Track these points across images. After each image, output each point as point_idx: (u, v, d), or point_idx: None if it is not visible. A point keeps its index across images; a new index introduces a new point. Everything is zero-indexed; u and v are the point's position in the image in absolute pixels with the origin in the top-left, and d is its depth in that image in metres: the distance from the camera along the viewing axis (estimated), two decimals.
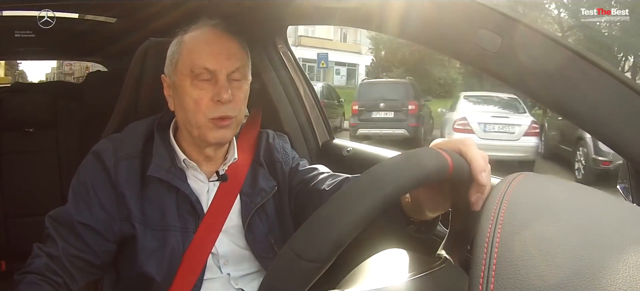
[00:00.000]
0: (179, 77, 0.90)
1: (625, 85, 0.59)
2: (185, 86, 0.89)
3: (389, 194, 0.43)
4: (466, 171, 0.53)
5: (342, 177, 0.96)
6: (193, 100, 0.88)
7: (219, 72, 0.88)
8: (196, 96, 0.88)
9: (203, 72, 0.88)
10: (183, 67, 0.90)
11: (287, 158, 1.06)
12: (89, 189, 0.90)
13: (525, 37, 0.64)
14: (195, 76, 0.88)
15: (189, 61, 0.89)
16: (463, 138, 0.58)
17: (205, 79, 0.89)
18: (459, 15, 0.70)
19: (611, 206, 0.44)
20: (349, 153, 1.40)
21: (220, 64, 0.89)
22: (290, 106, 1.46)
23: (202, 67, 0.88)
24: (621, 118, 0.60)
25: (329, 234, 0.41)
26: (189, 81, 0.89)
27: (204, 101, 0.88)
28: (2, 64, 11.83)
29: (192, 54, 0.90)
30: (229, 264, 0.96)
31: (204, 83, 0.89)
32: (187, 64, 0.89)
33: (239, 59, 0.92)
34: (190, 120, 0.90)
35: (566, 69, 0.62)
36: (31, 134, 2.19)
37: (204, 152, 0.95)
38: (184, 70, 0.89)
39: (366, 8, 0.88)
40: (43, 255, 0.86)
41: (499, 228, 0.38)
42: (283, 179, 1.03)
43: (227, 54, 0.90)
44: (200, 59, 0.88)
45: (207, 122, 0.89)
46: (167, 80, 0.95)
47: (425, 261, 0.57)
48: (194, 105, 0.88)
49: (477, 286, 0.35)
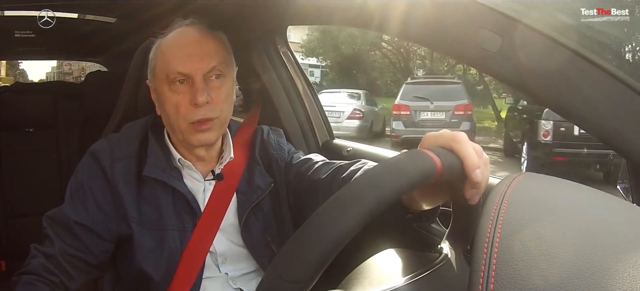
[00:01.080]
0: (158, 83, 0.91)
1: (625, 85, 0.59)
2: (164, 92, 0.89)
3: (369, 210, 0.42)
4: (457, 169, 0.52)
5: (336, 165, 0.96)
6: (172, 105, 0.88)
7: (195, 75, 0.87)
8: (175, 101, 0.88)
9: (178, 77, 0.87)
10: (160, 73, 0.90)
11: (283, 152, 1.06)
12: (85, 189, 0.90)
13: (526, 37, 0.64)
14: (171, 81, 0.88)
15: (164, 67, 0.89)
16: (455, 134, 0.55)
17: (181, 83, 0.88)
18: (459, 15, 0.70)
19: (611, 206, 0.44)
20: (349, 153, 1.40)
21: (194, 66, 0.87)
22: (290, 106, 1.46)
23: (176, 72, 0.87)
24: (621, 118, 0.60)
25: (311, 254, 0.40)
26: (167, 87, 0.88)
27: (182, 105, 0.87)
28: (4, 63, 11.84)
29: (166, 59, 0.89)
30: (227, 262, 0.96)
31: (181, 87, 0.88)
32: (163, 69, 0.89)
33: (214, 58, 0.90)
34: (172, 125, 0.90)
35: (566, 69, 0.62)
36: (31, 134, 2.19)
37: (194, 153, 0.95)
38: (161, 76, 0.89)
39: (367, 8, 0.88)
40: (40, 255, 0.86)
41: (499, 228, 0.38)
42: (279, 175, 1.03)
43: (200, 55, 0.89)
44: (173, 63, 0.88)
45: (188, 127, 0.88)
46: (151, 86, 0.95)
47: (425, 259, 0.57)
48: (173, 110, 0.88)
49: (477, 285, 0.35)
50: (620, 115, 0.60)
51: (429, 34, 0.76)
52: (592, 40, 5.49)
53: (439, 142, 0.54)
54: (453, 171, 0.51)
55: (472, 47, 0.68)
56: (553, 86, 0.63)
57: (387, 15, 0.83)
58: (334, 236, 0.40)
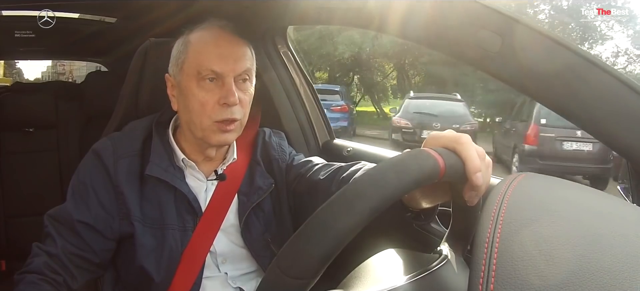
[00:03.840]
0: (185, 78, 0.89)
1: (625, 85, 0.59)
2: (191, 87, 0.88)
3: (374, 207, 0.42)
4: (460, 171, 0.51)
5: (336, 166, 0.96)
6: (199, 102, 0.87)
7: (227, 75, 0.87)
8: (202, 98, 0.87)
9: (210, 74, 0.87)
10: (189, 68, 0.89)
11: (284, 154, 1.06)
12: (88, 187, 0.90)
13: (526, 38, 0.64)
14: (201, 77, 0.87)
15: (196, 62, 0.88)
16: (459, 135, 0.54)
17: (211, 81, 0.88)
18: (460, 16, 0.70)
19: (611, 207, 0.44)
20: (349, 153, 1.40)
21: (228, 67, 0.88)
22: (290, 106, 1.46)
23: (209, 70, 0.87)
24: (621, 118, 0.60)
25: (314, 250, 0.40)
26: (195, 83, 0.88)
27: (209, 103, 0.87)
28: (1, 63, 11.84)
29: (199, 56, 0.88)
30: (226, 262, 0.97)
31: (210, 85, 0.88)
32: (194, 65, 0.88)
33: (245, 62, 0.91)
34: (194, 121, 0.89)
35: (566, 70, 0.62)
36: (31, 134, 2.19)
37: (205, 153, 0.95)
38: (190, 71, 0.88)
39: (367, 9, 0.88)
40: (42, 253, 0.86)
41: (499, 228, 0.38)
42: (280, 176, 1.03)
43: (235, 56, 0.89)
44: (207, 60, 0.87)
45: (212, 125, 0.88)
46: (172, 80, 0.94)
47: (425, 260, 0.57)
48: (199, 107, 0.87)
49: (477, 286, 0.35)
50: (620, 115, 0.60)
51: (429, 34, 0.76)
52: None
53: (442, 142, 0.54)
54: (455, 173, 0.51)
55: (473, 48, 0.68)
56: (553, 86, 0.63)
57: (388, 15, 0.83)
58: (338, 233, 0.40)
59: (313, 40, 15.42)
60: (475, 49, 0.67)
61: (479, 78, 11.97)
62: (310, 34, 15.05)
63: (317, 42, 15.60)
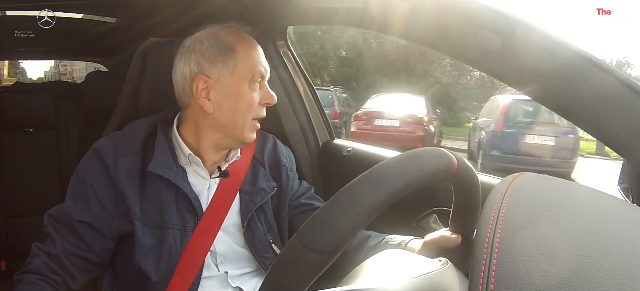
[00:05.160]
0: (237, 80, 0.92)
1: (625, 85, 0.59)
2: (244, 89, 0.93)
3: (396, 190, 0.44)
4: (468, 176, 0.54)
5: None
6: (248, 101, 0.93)
7: (265, 77, 0.96)
8: (251, 98, 0.93)
9: (259, 77, 0.94)
10: (243, 71, 0.93)
11: (293, 165, 1.10)
12: (87, 186, 0.90)
13: (526, 38, 0.64)
14: (253, 79, 0.93)
15: (251, 65, 0.93)
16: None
17: (258, 82, 0.94)
18: (460, 16, 0.70)
19: (611, 207, 0.44)
20: (349, 153, 1.40)
21: (266, 70, 0.96)
22: (290, 106, 1.46)
23: (260, 73, 0.94)
24: (621, 118, 0.59)
25: (337, 225, 0.41)
26: (247, 84, 0.93)
27: (255, 102, 0.94)
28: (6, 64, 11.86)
29: (251, 60, 0.94)
30: (226, 262, 0.97)
31: (257, 86, 0.94)
32: (249, 67, 0.93)
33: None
34: (237, 121, 0.93)
35: (566, 69, 0.62)
36: (31, 134, 2.19)
37: (222, 152, 0.98)
38: (244, 74, 0.92)
39: (367, 9, 0.88)
40: (42, 253, 0.86)
41: (499, 228, 0.38)
42: (286, 184, 1.05)
43: (264, 60, 0.97)
44: (258, 64, 0.94)
45: (251, 123, 0.94)
46: (210, 81, 0.92)
47: (425, 260, 0.57)
48: (247, 106, 0.93)
49: (477, 286, 0.35)
50: (620, 115, 0.60)
51: (429, 34, 0.77)
52: None
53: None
54: (464, 175, 0.53)
55: (473, 47, 0.68)
56: (553, 86, 0.63)
57: (388, 15, 0.83)
58: (362, 209, 0.42)
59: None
60: (475, 48, 0.67)
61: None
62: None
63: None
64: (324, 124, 1.55)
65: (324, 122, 1.55)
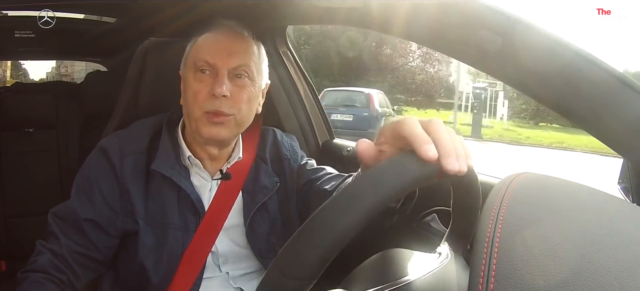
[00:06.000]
0: (186, 71, 0.93)
1: (625, 85, 0.59)
2: (189, 79, 0.91)
3: (373, 207, 0.41)
4: (469, 173, 0.52)
5: (345, 176, 0.97)
6: (193, 92, 0.89)
7: (220, 67, 0.89)
8: (195, 88, 0.89)
9: (204, 65, 0.89)
10: (189, 61, 0.92)
11: (296, 156, 1.07)
12: (92, 184, 0.90)
13: (526, 38, 0.64)
14: (197, 69, 0.90)
15: (194, 55, 0.91)
16: (430, 120, 0.51)
17: (205, 72, 0.90)
18: (460, 15, 0.70)
19: (611, 206, 0.44)
20: (349, 153, 1.40)
21: (221, 60, 0.89)
22: (290, 106, 1.46)
23: (203, 61, 0.89)
24: (621, 118, 0.59)
25: (313, 251, 0.40)
26: (192, 74, 0.90)
27: (201, 93, 0.89)
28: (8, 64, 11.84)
29: (198, 49, 0.92)
30: (228, 263, 0.96)
31: (205, 76, 0.90)
32: (193, 57, 0.91)
33: (242, 57, 0.91)
34: (188, 112, 0.91)
35: (566, 69, 0.62)
36: (31, 134, 2.19)
37: (207, 150, 0.95)
38: (190, 63, 0.92)
39: (367, 8, 0.88)
40: (47, 252, 0.85)
41: (499, 227, 0.38)
42: (290, 177, 1.04)
43: (229, 51, 0.90)
44: (203, 52, 0.90)
45: (202, 116, 0.89)
46: (182, 75, 0.96)
47: (425, 260, 0.57)
48: (192, 97, 0.89)
49: (477, 285, 0.35)
50: (620, 115, 0.60)
51: (429, 34, 0.77)
52: None
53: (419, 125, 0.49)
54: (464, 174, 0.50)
55: (473, 48, 0.68)
56: (553, 85, 0.63)
57: (388, 15, 0.83)
58: (337, 233, 0.40)
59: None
60: (476, 48, 0.67)
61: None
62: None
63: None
64: (324, 124, 1.55)
65: (323, 122, 1.55)
